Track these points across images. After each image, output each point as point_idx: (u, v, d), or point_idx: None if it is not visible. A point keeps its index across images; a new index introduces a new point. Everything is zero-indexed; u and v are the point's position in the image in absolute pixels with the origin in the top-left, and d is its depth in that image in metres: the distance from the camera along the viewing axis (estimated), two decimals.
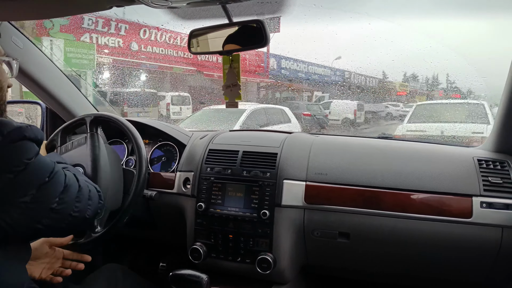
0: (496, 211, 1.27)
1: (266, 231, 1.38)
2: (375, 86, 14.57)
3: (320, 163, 1.45)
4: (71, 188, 0.99)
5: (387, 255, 1.40)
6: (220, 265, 1.45)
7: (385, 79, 13.13)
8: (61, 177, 0.97)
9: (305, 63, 16.60)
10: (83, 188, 1.04)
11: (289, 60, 16.40)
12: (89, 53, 11.27)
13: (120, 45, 12.85)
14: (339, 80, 15.94)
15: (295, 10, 7.03)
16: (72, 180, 1.01)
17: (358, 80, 15.08)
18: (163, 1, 1.07)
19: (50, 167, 0.94)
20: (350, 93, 12.87)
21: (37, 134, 0.93)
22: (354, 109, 11.20)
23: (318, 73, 17.09)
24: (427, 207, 1.32)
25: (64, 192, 0.96)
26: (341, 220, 1.38)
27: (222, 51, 1.28)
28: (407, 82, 13.39)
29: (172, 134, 1.72)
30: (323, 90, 15.82)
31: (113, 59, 12.51)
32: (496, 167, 1.36)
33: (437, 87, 11.75)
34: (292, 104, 12.40)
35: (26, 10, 1.23)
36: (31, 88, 1.69)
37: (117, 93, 11.36)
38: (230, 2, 1.12)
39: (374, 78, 14.47)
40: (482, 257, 1.30)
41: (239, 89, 1.34)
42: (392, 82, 13.21)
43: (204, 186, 1.47)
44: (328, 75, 16.73)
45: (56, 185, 0.94)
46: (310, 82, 16.85)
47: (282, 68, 16.36)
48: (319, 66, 16.86)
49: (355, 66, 13.78)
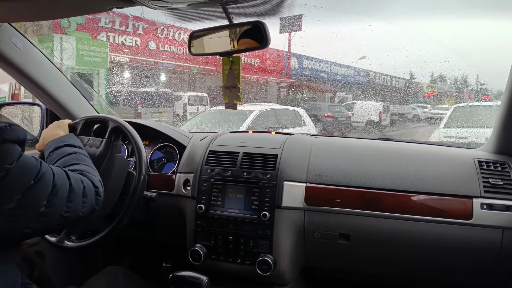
0: (496, 212, 1.27)
1: (266, 232, 1.38)
2: (401, 87, 14.08)
3: (321, 165, 1.45)
4: (61, 188, 0.93)
5: (388, 257, 1.39)
6: (220, 266, 1.45)
7: (412, 79, 12.73)
8: (49, 178, 0.90)
9: (327, 62, 16.17)
10: (76, 186, 0.98)
11: (311, 60, 15.99)
12: (102, 51, 11.09)
13: (137, 44, 12.67)
14: (363, 81, 15.35)
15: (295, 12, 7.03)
16: (62, 178, 0.95)
17: (384, 81, 14.51)
18: (163, 2, 1.07)
19: (36, 168, 0.88)
20: (375, 94, 12.51)
21: (19, 134, 0.86)
22: (379, 111, 10.64)
23: (341, 73, 16.60)
24: (428, 209, 1.32)
25: (52, 193, 0.90)
26: (341, 222, 1.37)
27: (222, 52, 1.29)
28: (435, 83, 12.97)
29: (172, 136, 1.72)
30: (346, 91, 15.40)
31: (130, 58, 12.33)
32: (497, 169, 1.36)
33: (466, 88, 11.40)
34: (314, 105, 12.13)
35: (26, 11, 1.23)
36: (31, 89, 1.69)
37: (131, 92, 11.10)
38: (230, 4, 1.12)
39: (401, 78, 13.96)
40: (482, 258, 1.30)
41: (239, 91, 1.34)
42: (420, 83, 12.76)
43: (204, 188, 1.47)
44: (352, 75, 16.13)
45: (43, 187, 0.89)
46: (332, 82, 16.36)
47: (303, 68, 15.96)
48: (342, 66, 16.35)
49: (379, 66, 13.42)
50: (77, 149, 1.21)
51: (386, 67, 12.06)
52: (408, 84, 13.05)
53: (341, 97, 14.92)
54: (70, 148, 1.20)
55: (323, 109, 11.46)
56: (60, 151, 1.19)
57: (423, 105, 12.46)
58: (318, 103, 13.39)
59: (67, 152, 1.18)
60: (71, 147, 1.21)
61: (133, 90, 11.33)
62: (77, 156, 1.17)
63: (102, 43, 11.41)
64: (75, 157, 1.16)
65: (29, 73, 1.60)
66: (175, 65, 13.21)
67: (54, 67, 1.72)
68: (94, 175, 1.12)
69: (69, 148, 1.20)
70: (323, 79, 16.33)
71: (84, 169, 1.12)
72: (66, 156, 1.16)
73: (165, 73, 13.40)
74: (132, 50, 12.47)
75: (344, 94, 15.12)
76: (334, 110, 11.49)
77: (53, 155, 1.18)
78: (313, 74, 16.15)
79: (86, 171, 1.11)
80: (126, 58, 12.29)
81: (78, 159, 1.15)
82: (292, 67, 15.66)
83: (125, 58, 12.26)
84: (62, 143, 1.21)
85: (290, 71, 15.56)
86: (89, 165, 1.17)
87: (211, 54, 1.34)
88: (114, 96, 11.37)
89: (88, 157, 1.21)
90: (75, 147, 1.21)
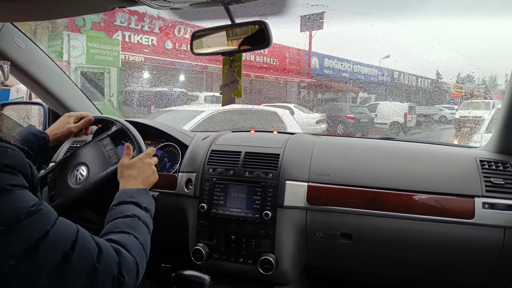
0: (498, 212, 1.27)
1: (268, 232, 1.38)
2: (427, 87, 13.65)
3: (322, 164, 1.45)
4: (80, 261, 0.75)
5: (389, 256, 1.40)
6: (222, 266, 1.45)
7: (439, 79, 12.33)
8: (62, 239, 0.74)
9: (350, 62, 15.73)
10: (101, 266, 0.78)
11: (332, 59, 15.53)
12: (114, 49, 10.82)
13: (154, 43, 12.44)
14: (387, 81, 14.96)
15: (298, 11, 7.00)
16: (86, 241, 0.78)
17: (409, 81, 14.06)
18: (165, 2, 1.07)
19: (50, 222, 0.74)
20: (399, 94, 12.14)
21: (23, 169, 0.76)
22: (404, 112, 10.27)
23: (364, 72, 16.16)
24: (429, 208, 1.32)
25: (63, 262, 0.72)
26: (343, 221, 1.38)
27: (224, 52, 1.29)
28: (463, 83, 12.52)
29: (174, 135, 1.72)
30: (369, 91, 14.91)
31: (144, 58, 12.12)
32: (498, 168, 1.36)
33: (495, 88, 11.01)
34: (335, 106, 11.81)
35: (28, 11, 1.23)
36: (33, 89, 1.69)
37: (144, 92, 10.94)
38: (232, 3, 1.12)
39: (426, 78, 13.60)
40: (484, 258, 1.30)
41: (238, 84, 1.33)
42: (446, 83, 12.38)
43: (206, 187, 1.48)
44: (375, 75, 15.79)
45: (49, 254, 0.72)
46: (355, 82, 15.87)
47: (324, 68, 15.51)
48: (365, 66, 15.92)
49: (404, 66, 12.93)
50: (141, 211, 1.04)
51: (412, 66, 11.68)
52: (435, 84, 12.63)
53: (363, 98, 14.48)
54: (134, 208, 1.04)
55: (345, 110, 11.03)
56: (122, 208, 1.03)
57: (451, 106, 11.98)
58: (339, 104, 12.95)
59: (128, 213, 1.00)
60: (136, 206, 1.04)
61: (146, 90, 11.06)
62: (134, 222, 0.99)
63: (113, 41, 11.15)
64: (131, 223, 0.98)
65: (32, 73, 1.61)
66: (192, 64, 12.97)
67: (57, 66, 1.72)
68: (138, 252, 0.91)
69: (133, 207, 1.04)
70: (345, 78, 15.84)
71: (129, 243, 0.90)
72: (122, 218, 0.99)
73: (181, 72, 13.14)
74: (148, 49, 12.24)
75: (367, 94, 14.71)
76: (356, 111, 11.05)
77: (114, 211, 1.03)
78: (334, 74, 15.68)
79: (131, 246, 0.90)
80: (141, 58, 12.08)
81: (134, 227, 0.97)
82: (313, 66, 15.25)
83: (140, 57, 12.05)
84: (129, 199, 1.06)
85: (310, 71, 15.14)
86: (142, 236, 0.97)
87: (213, 53, 1.34)
88: (127, 96, 11.18)
89: (148, 222, 1.04)
90: (140, 209, 1.05)
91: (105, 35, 11.12)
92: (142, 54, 12.10)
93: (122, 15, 11.32)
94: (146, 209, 1.06)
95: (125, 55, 11.55)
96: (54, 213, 0.77)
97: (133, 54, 11.80)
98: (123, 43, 11.68)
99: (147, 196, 1.13)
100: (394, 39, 12.76)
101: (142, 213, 1.03)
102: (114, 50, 10.84)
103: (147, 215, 1.05)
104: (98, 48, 10.46)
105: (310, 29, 13.19)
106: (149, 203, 1.11)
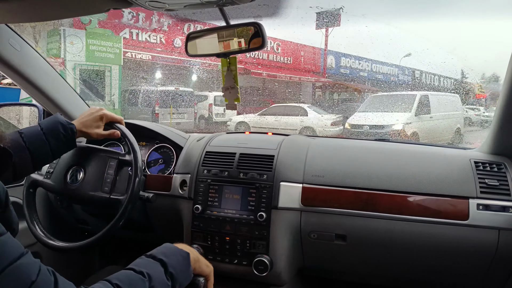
0: (492, 213, 1.27)
1: (263, 233, 1.38)
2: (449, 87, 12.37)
3: (317, 166, 1.45)
4: None
5: (384, 257, 1.40)
6: (217, 267, 1.44)
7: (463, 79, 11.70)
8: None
9: (368, 60, 15.03)
10: None
11: (349, 58, 14.82)
12: (115, 46, 10.46)
13: (162, 41, 12.12)
14: (408, 80, 14.13)
15: (292, 13, 7.00)
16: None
17: (431, 80, 13.18)
18: (160, 3, 1.07)
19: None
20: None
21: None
22: None
23: (383, 72, 15.37)
24: (424, 209, 1.32)
25: None
26: (338, 222, 1.38)
27: (219, 53, 1.29)
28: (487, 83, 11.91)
29: (168, 136, 1.72)
30: (389, 91, 13.79)
31: (152, 56, 11.81)
32: (493, 169, 1.37)
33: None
34: (351, 107, 11.15)
35: (23, 12, 1.23)
36: (28, 90, 1.69)
37: (148, 92, 10.68)
38: (227, 5, 1.12)
39: (449, 78, 12.58)
40: (478, 259, 1.30)
41: (237, 92, 1.35)
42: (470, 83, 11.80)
43: (201, 188, 1.47)
44: (395, 74, 14.96)
45: None
46: (373, 82, 15.05)
47: (341, 67, 14.78)
48: (384, 64, 15.11)
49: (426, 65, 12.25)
50: (162, 277, 0.86)
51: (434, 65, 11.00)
52: (457, 84, 12.01)
53: None
54: (157, 267, 0.87)
55: None
56: (146, 262, 0.89)
57: (475, 107, 11.34)
58: (356, 104, 12.02)
59: (143, 270, 0.84)
60: (164, 267, 0.88)
61: (150, 89, 10.74)
62: (140, 283, 0.82)
63: (115, 38, 10.75)
64: (136, 283, 0.82)
65: (26, 74, 1.60)
66: (201, 63, 12.60)
67: (51, 68, 1.72)
68: None
69: (157, 267, 0.87)
70: (362, 78, 15.10)
71: None
72: (134, 273, 0.83)
73: (190, 71, 12.82)
74: (156, 47, 11.91)
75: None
76: None
77: (139, 260, 0.91)
78: (351, 73, 14.94)
79: None
80: (148, 56, 11.75)
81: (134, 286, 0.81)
82: (329, 65, 14.55)
83: (147, 55, 11.71)
84: (162, 258, 0.90)
85: (326, 70, 14.48)
86: None
87: (208, 55, 1.35)
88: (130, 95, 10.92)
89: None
90: (164, 273, 0.87)
91: (112, 32, 10.83)
92: (149, 52, 11.79)
93: (129, 11, 10.90)
94: (171, 276, 0.87)
95: (132, 53, 11.26)
96: (8, 255, 0.63)
97: (139, 52, 11.52)
98: (130, 41, 11.42)
99: (185, 259, 0.96)
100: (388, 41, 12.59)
101: (161, 279, 0.85)
102: (115, 47, 10.53)
103: (166, 283, 0.86)
104: (98, 45, 10.13)
105: (326, 27, 12.70)
106: (179, 271, 0.91)
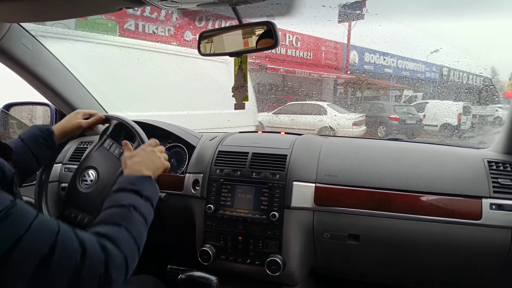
0: (505, 213, 1.26)
1: (276, 233, 1.38)
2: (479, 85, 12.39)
3: (330, 165, 1.45)
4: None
5: (397, 257, 1.39)
6: (230, 267, 1.45)
7: (495, 76, 11.31)
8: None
9: (393, 56, 14.26)
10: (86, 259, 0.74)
11: (374, 53, 14.07)
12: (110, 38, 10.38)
13: (171, 34, 11.61)
14: (436, 77, 13.30)
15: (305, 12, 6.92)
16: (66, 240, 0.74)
17: (460, 78, 12.34)
18: (172, 2, 1.07)
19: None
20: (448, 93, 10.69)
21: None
22: (458, 112, 8.86)
23: (410, 68, 14.63)
24: (437, 209, 1.31)
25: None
26: (351, 222, 1.37)
27: (232, 52, 1.29)
28: None
29: (181, 136, 1.72)
30: (415, 89, 13.26)
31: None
32: (506, 169, 1.36)
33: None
34: (376, 105, 10.62)
35: (35, 12, 1.24)
36: (40, 89, 1.70)
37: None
38: (240, 4, 1.12)
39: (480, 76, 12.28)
40: (491, 259, 1.30)
41: (246, 90, 1.34)
42: (501, 81, 11.36)
43: (214, 188, 1.47)
44: (422, 71, 14.17)
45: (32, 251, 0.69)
46: (399, 79, 14.30)
47: (365, 63, 14.04)
48: (411, 61, 14.36)
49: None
50: (140, 200, 0.97)
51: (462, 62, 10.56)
52: (489, 82, 11.61)
53: (408, 96, 12.87)
54: (134, 197, 0.97)
55: (388, 109, 9.77)
56: (120, 196, 0.96)
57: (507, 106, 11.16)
58: (380, 103, 11.40)
59: (124, 202, 0.94)
60: (136, 195, 0.97)
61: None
62: (129, 213, 0.92)
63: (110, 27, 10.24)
64: (126, 214, 0.91)
65: (39, 74, 1.61)
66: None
67: (64, 67, 1.73)
68: (128, 247, 0.85)
69: (132, 196, 0.97)
70: (388, 75, 14.36)
71: (119, 236, 0.85)
72: (117, 208, 0.92)
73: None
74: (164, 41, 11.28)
75: (413, 92, 13.07)
76: (401, 110, 9.75)
77: (111, 198, 0.97)
78: (376, 69, 14.18)
79: (120, 241, 0.84)
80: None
81: (127, 219, 0.91)
82: (352, 61, 13.84)
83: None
84: (130, 187, 0.99)
85: (349, 66, 13.72)
86: (136, 228, 0.91)
87: (221, 54, 1.34)
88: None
89: (146, 213, 0.97)
90: (140, 197, 0.98)
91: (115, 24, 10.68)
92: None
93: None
94: (146, 198, 0.99)
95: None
96: (29, 214, 0.71)
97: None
98: (136, 33, 11.22)
99: (150, 183, 1.05)
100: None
101: (141, 202, 0.96)
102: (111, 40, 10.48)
103: (146, 204, 0.98)
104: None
105: (349, 20, 11.77)
106: (151, 191, 1.03)
